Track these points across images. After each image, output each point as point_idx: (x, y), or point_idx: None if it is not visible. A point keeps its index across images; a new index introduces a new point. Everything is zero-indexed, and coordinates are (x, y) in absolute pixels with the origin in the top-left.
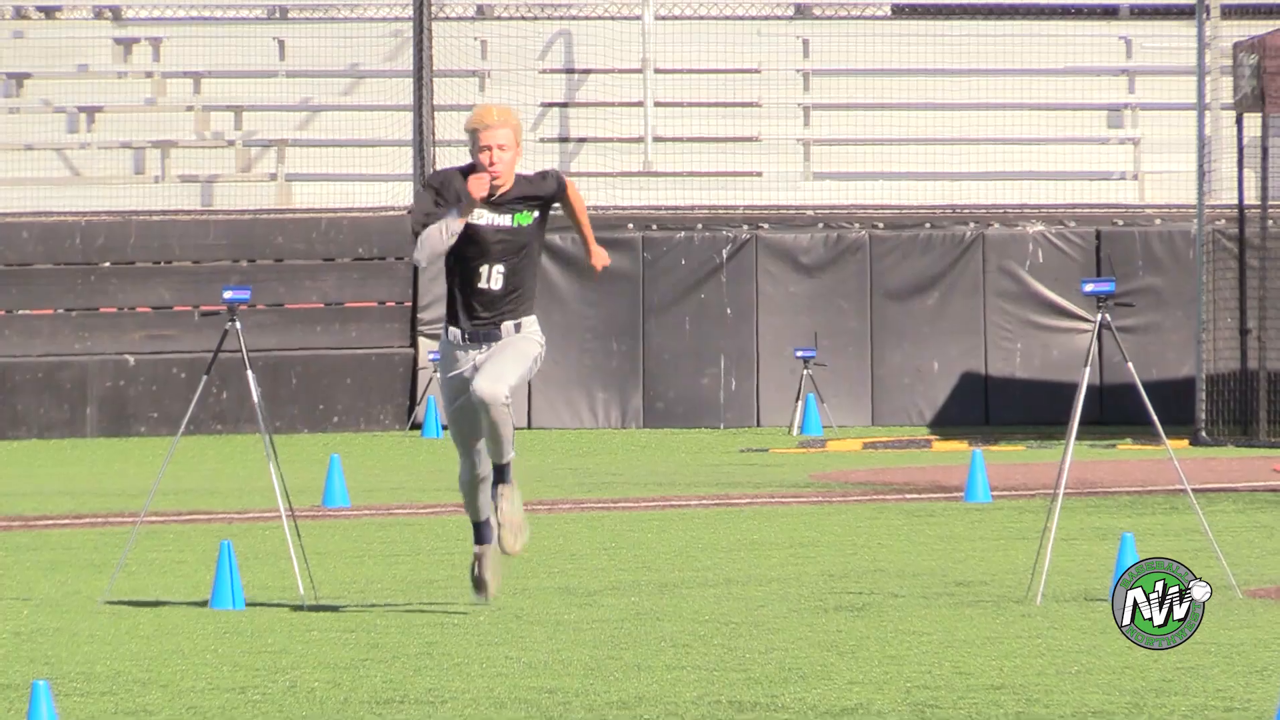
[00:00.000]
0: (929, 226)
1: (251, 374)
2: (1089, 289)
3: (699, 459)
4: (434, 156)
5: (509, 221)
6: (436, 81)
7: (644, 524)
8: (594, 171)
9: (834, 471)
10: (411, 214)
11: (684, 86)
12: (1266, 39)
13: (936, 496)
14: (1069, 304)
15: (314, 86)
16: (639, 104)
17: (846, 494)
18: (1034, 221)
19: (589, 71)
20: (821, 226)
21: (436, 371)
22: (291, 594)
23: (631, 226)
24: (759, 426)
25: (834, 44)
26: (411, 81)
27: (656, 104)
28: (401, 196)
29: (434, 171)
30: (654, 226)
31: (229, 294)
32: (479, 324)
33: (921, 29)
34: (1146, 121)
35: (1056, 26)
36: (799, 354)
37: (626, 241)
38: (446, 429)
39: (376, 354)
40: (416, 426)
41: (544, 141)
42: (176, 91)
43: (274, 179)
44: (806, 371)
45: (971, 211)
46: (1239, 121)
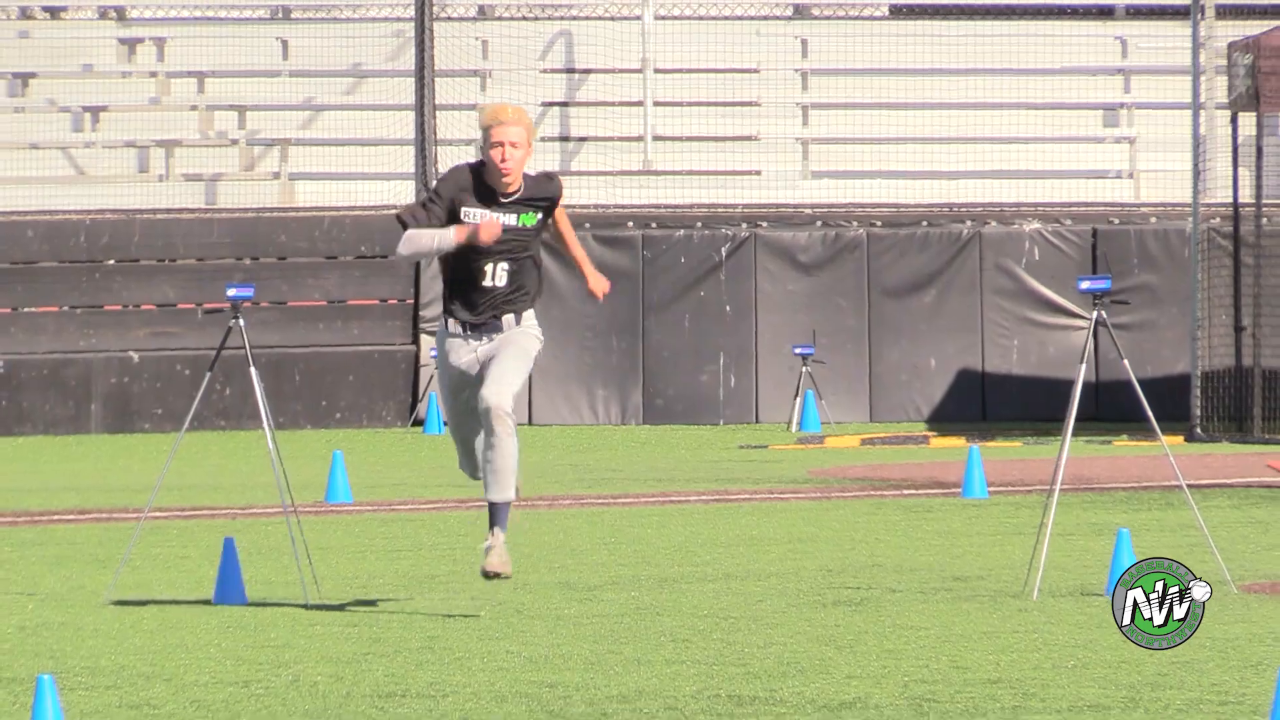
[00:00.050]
0: (926, 225)
1: (255, 371)
2: (1085, 286)
3: (698, 455)
4: (435, 155)
5: (514, 221)
6: (438, 81)
7: (644, 519)
8: (594, 170)
9: (832, 467)
10: (407, 206)
11: (683, 86)
12: (1261, 39)
13: (934, 492)
14: (1065, 301)
15: (317, 86)
16: (639, 103)
17: (844, 490)
18: (1030, 220)
19: (589, 71)
20: (820, 225)
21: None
22: (294, 589)
23: (631, 225)
24: (758, 423)
25: (832, 44)
26: (413, 81)
27: (656, 103)
28: (403, 195)
29: (445, 174)
30: (654, 225)
31: (232, 291)
32: (480, 316)
33: (919, 29)
34: (1142, 121)
35: (1052, 26)
36: (797, 351)
37: (626, 240)
38: (447, 424)
39: (379, 351)
40: (418, 423)
41: (545, 140)
42: (180, 91)
43: (277, 178)
44: (805, 368)
45: (968, 210)
46: (1234, 121)
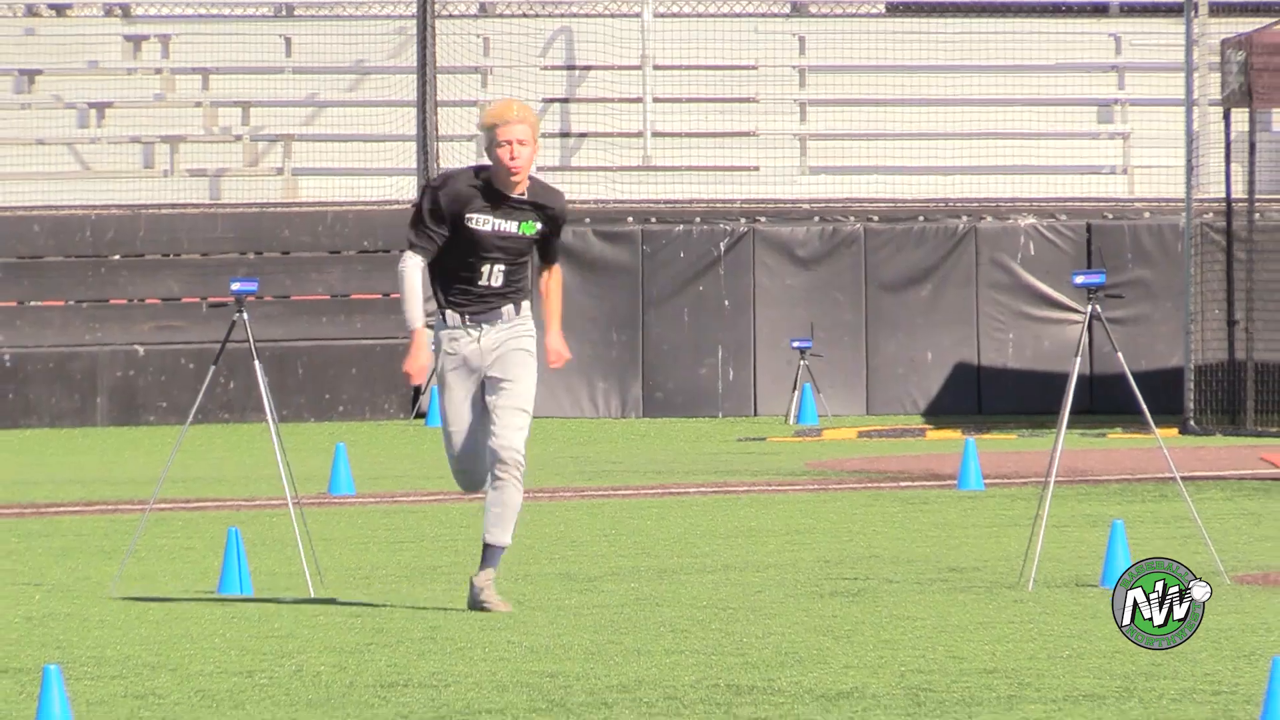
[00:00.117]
0: (922, 220)
1: (259, 364)
2: (1080, 281)
3: (697, 448)
4: (437, 151)
5: (515, 229)
6: (440, 78)
7: (643, 511)
8: (594, 166)
9: (830, 460)
10: (413, 228)
11: (682, 82)
12: (1254, 36)
13: (930, 484)
14: (1060, 295)
15: (320, 83)
16: (638, 100)
17: (842, 482)
18: (1025, 215)
19: (589, 68)
20: (817, 220)
21: (437, 370)
22: (298, 580)
23: (631, 220)
24: (756, 416)
25: (829, 41)
26: (415, 78)
27: (655, 100)
28: (406, 190)
29: (440, 176)
30: (653, 220)
31: (237, 286)
32: (478, 308)
33: (915, 26)
34: (1136, 117)
35: (1047, 24)
36: (795, 345)
37: (626, 235)
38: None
39: (381, 344)
40: (420, 415)
41: (545, 137)
42: (185, 87)
43: (281, 173)
44: (803, 362)
45: (964, 205)
46: (1227, 117)
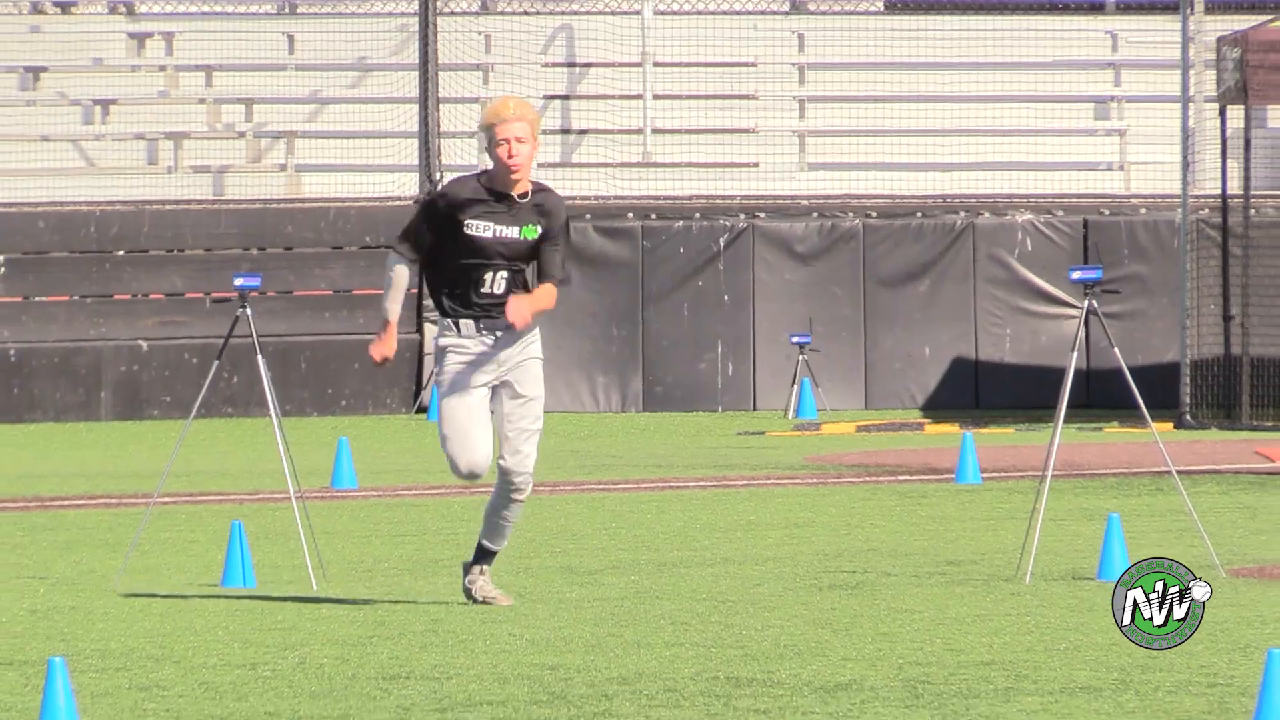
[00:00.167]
0: (920, 215)
1: (262, 359)
2: (1076, 276)
3: (697, 442)
4: (439, 148)
5: (515, 234)
6: (441, 75)
7: (643, 505)
8: (595, 162)
9: (828, 454)
10: (399, 237)
11: (682, 80)
12: (1249, 34)
13: (928, 478)
14: (1057, 291)
15: (322, 80)
16: (638, 97)
17: (840, 476)
18: (1023, 211)
19: (590, 65)
20: (816, 216)
21: (439, 374)
22: (300, 573)
23: (631, 216)
24: (755, 410)
25: (828, 38)
26: (417, 75)
27: (655, 96)
28: (407, 187)
29: (440, 189)
30: (653, 216)
31: (240, 281)
32: (489, 316)
33: (913, 24)
34: (1132, 114)
35: (1045, 21)
36: (794, 339)
37: (626, 230)
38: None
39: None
40: (422, 410)
41: (546, 134)
42: (189, 84)
43: (283, 169)
44: (802, 356)
45: (962, 201)
46: (1222, 114)
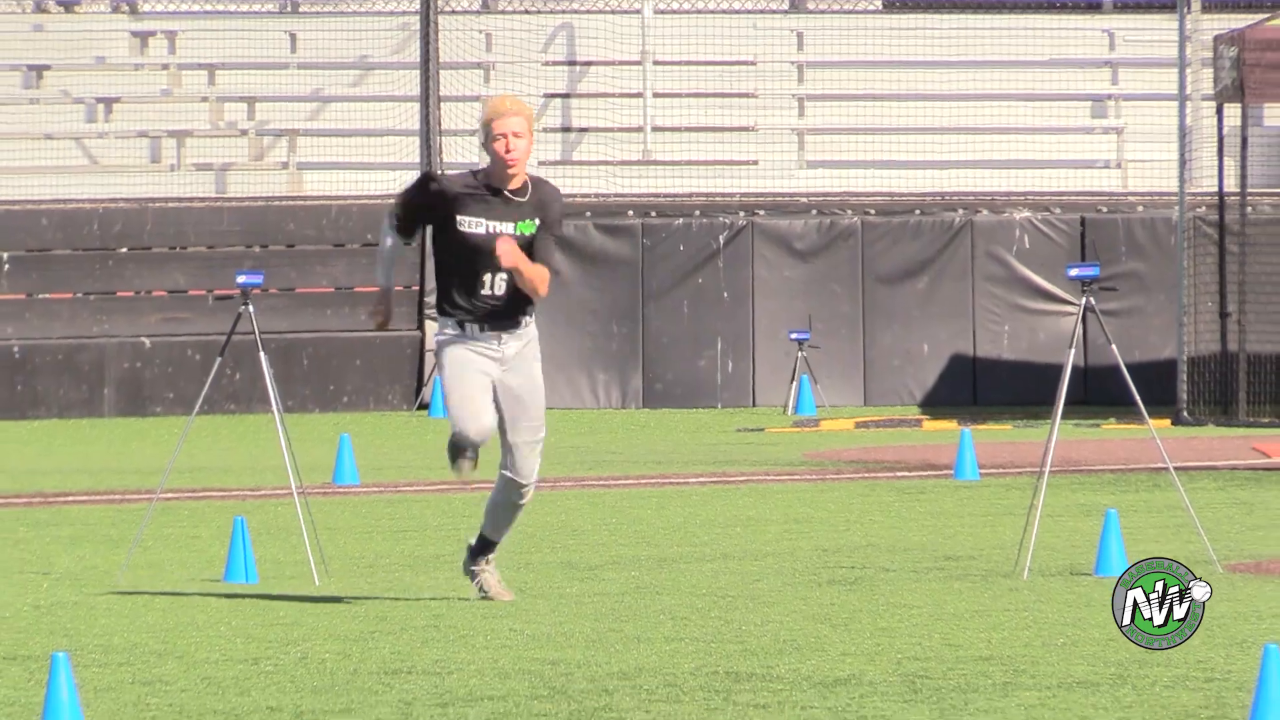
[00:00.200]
0: (919, 213)
1: (264, 356)
2: (1074, 273)
3: (696, 438)
4: (440, 146)
5: (511, 229)
6: (442, 73)
7: (643, 501)
8: (595, 160)
9: (827, 450)
10: (396, 200)
11: (682, 78)
12: (1246, 32)
13: (926, 474)
14: (1055, 288)
15: (324, 78)
16: (638, 95)
17: (839, 472)
18: (1021, 208)
19: (590, 63)
20: (815, 213)
21: (440, 360)
22: (302, 568)
23: (631, 214)
24: (754, 407)
25: (827, 37)
26: (418, 73)
27: (655, 95)
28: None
29: (441, 175)
30: (653, 213)
31: (242, 278)
32: (491, 317)
33: (912, 23)
34: (1129, 112)
35: (1042, 20)
36: (793, 336)
37: (626, 228)
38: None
39: (384, 336)
40: (424, 406)
41: (546, 131)
42: (191, 83)
43: (286, 167)
44: (801, 353)
45: (960, 199)
46: (1219, 112)
